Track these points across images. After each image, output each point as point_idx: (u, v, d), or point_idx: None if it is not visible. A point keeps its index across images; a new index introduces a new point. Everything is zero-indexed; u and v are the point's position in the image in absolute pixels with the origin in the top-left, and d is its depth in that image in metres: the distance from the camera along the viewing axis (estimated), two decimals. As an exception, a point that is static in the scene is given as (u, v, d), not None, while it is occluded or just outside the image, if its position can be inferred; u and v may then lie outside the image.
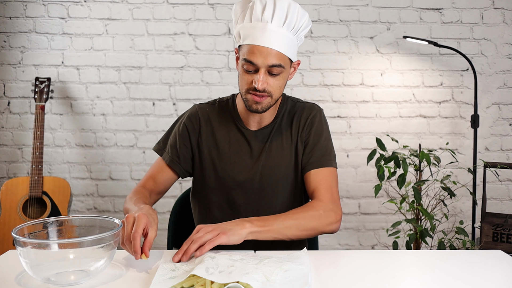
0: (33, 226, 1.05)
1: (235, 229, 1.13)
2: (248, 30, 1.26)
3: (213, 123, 1.44)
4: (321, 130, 1.42)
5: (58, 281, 0.97)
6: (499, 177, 2.80)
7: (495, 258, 1.18)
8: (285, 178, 1.41)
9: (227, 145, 1.42)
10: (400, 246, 2.56)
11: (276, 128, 1.42)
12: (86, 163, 2.88)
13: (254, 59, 1.25)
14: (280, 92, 1.33)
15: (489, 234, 2.28)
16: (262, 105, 1.31)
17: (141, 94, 2.86)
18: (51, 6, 2.84)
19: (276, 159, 1.40)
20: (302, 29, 1.32)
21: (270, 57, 1.25)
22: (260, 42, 1.24)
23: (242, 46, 1.29)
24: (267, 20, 1.24)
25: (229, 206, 1.43)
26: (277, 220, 1.20)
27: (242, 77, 1.31)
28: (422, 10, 2.88)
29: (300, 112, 1.44)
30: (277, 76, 1.28)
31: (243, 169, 1.40)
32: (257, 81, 1.26)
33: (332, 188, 1.35)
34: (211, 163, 1.42)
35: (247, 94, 1.31)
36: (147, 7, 2.84)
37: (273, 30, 1.24)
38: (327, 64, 2.88)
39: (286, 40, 1.27)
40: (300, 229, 1.23)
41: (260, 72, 1.26)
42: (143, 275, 1.04)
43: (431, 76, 2.89)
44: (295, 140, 1.42)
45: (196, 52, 2.86)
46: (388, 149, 2.68)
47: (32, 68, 2.85)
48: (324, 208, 1.28)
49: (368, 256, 1.18)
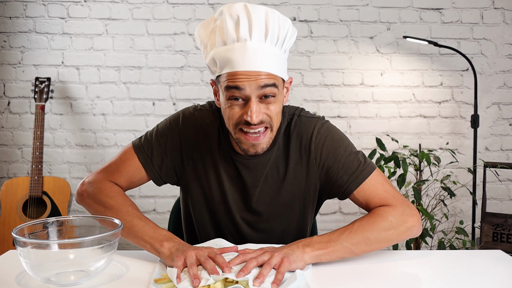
0: (33, 226, 1.05)
1: (297, 254, 1.01)
2: (224, 55, 1.03)
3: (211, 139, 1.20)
4: (337, 145, 1.19)
5: (58, 281, 0.97)
6: (499, 177, 2.80)
7: (495, 258, 1.18)
8: (286, 213, 1.24)
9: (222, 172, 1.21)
10: (400, 246, 2.56)
11: (275, 156, 1.20)
12: (86, 163, 2.88)
13: (241, 85, 1.02)
14: (279, 120, 1.11)
15: (489, 234, 2.28)
16: (261, 145, 1.09)
17: (141, 94, 2.86)
18: (51, 6, 2.83)
19: (275, 194, 1.22)
20: (288, 40, 1.08)
21: (260, 78, 1.02)
22: (244, 66, 1.01)
23: (220, 76, 1.06)
24: (245, 38, 1.02)
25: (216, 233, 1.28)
26: (340, 238, 1.06)
27: (227, 109, 1.07)
28: (422, 10, 2.88)
29: (301, 134, 1.20)
30: (272, 100, 1.06)
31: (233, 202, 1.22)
32: (250, 112, 1.03)
33: (389, 191, 1.15)
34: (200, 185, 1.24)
35: (239, 133, 1.08)
36: (147, 7, 2.84)
37: (255, 48, 1.02)
38: (327, 64, 2.88)
39: (273, 56, 1.04)
40: (370, 244, 1.08)
41: (251, 101, 1.03)
42: (143, 275, 1.04)
43: (431, 76, 2.89)
44: (304, 167, 1.20)
45: (196, 52, 2.86)
46: (388, 149, 2.69)
47: (32, 68, 2.85)
48: (393, 214, 1.10)
49: (369, 256, 1.18)
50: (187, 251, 1.01)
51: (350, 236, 1.06)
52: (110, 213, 1.14)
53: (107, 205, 1.16)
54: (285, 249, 1.03)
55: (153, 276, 1.01)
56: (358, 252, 1.08)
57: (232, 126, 1.09)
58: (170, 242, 1.06)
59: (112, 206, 1.15)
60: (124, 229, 1.11)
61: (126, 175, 1.21)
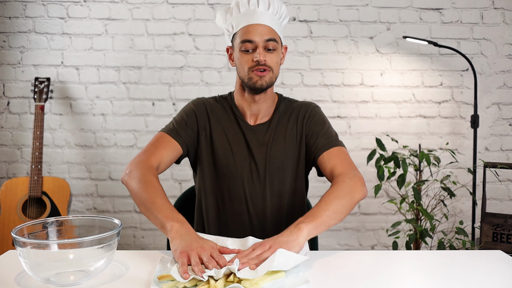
0: (33, 226, 1.05)
1: (291, 239, 1.10)
2: (239, 18, 1.41)
3: (218, 113, 1.52)
4: (323, 121, 1.51)
5: (58, 281, 0.97)
6: (499, 177, 2.80)
7: (495, 258, 1.18)
8: (282, 169, 1.47)
9: (230, 135, 1.49)
10: (400, 246, 2.56)
11: (273, 125, 1.50)
12: (86, 163, 2.88)
13: (251, 36, 1.38)
14: (277, 69, 1.44)
15: (489, 234, 2.28)
16: (265, 79, 1.41)
17: (141, 94, 2.86)
18: (51, 6, 2.83)
19: (273, 152, 1.47)
20: (283, 17, 1.46)
21: (265, 32, 1.39)
22: (254, 21, 1.39)
23: (236, 34, 1.43)
24: (254, 5, 1.40)
25: (228, 195, 1.47)
26: (321, 211, 1.20)
27: (242, 59, 1.41)
28: (422, 10, 2.88)
29: (298, 110, 1.52)
30: (273, 51, 1.41)
31: (240, 160, 1.46)
32: (258, 55, 1.38)
33: (347, 160, 1.40)
34: (212, 150, 1.49)
35: (251, 73, 1.41)
36: (146, 7, 2.84)
37: (262, 11, 1.40)
38: (327, 64, 2.88)
39: (274, 20, 1.42)
40: (342, 211, 1.24)
41: (258, 47, 1.39)
42: (143, 275, 1.04)
43: (431, 76, 2.89)
44: (296, 134, 1.50)
45: (196, 52, 2.86)
46: (388, 149, 2.69)
47: (32, 68, 2.85)
48: (348, 177, 1.32)
49: (368, 256, 1.18)
50: (191, 250, 1.05)
51: (327, 209, 1.21)
52: (143, 186, 1.25)
53: (141, 180, 1.27)
54: (280, 238, 1.11)
55: (154, 274, 1.01)
56: (337, 221, 1.23)
57: (246, 70, 1.41)
58: (180, 226, 1.13)
59: (146, 181, 1.27)
60: (146, 205, 1.21)
61: (159, 153, 1.39)
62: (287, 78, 2.88)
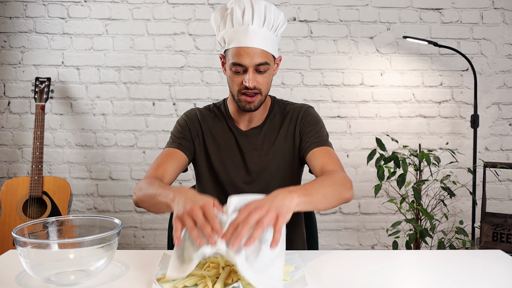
0: (33, 226, 1.05)
1: (286, 203, 1.03)
2: (232, 35, 1.37)
3: (209, 122, 1.54)
4: (316, 120, 1.51)
5: (58, 281, 0.97)
6: (499, 177, 2.81)
7: (495, 258, 1.18)
8: (276, 172, 1.49)
9: (221, 141, 1.51)
10: (400, 246, 2.56)
11: (266, 128, 1.51)
12: (86, 163, 2.88)
13: (242, 60, 1.35)
14: (268, 88, 1.44)
15: (489, 234, 2.28)
16: (254, 104, 1.42)
17: (141, 94, 2.86)
18: (51, 6, 2.84)
19: (266, 156, 1.48)
20: (280, 27, 1.42)
21: (256, 56, 1.35)
22: (245, 43, 1.34)
23: (228, 50, 1.39)
24: (248, 23, 1.35)
25: (225, 200, 1.44)
26: (312, 189, 1.14)
27: (232, 80, 1.41)
28: (422, 10, 2.88)
29: (292, 112, 1.53)
30: (264, 73, 1.39)
31: (232, 165, 1.49)
32: (247, 80, 1.36)
33: (338, 161, 1.40)
34: (206, 157, 1.51)
35: (240, 95, 1.41)
36: (147, 7, 2.84)
37: (255, 31, 1.35)
38: (327, 64, 2.88)
39: (268, 38, 1.37)
40: (330, 200, 1.20)
41: (248, 71, 1.36)
42: (143, 275, 1.04)
43: (431, 76, 2.90)
44: (290, 136, 1.50)
45: (196, 52, 2.86)
46: (388, 149, 2.69)
47: (32, 68, 2.85)
48: (342, 175, 1.30)
49: (368, 256, 1.18)
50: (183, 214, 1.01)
51: (321, 189, 1.18)
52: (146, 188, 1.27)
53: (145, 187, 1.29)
54: (276, 200, 1.03)
55: (155, 276, 1.01)
56: (326, 205, 1.18)
57: (236, 91, 1.41)
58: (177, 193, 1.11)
59: (148, 183, 1.29)
60: (150, 198, 1.22)
61: (162, 166, 1.42)
62: (287, 78, 2.88)
